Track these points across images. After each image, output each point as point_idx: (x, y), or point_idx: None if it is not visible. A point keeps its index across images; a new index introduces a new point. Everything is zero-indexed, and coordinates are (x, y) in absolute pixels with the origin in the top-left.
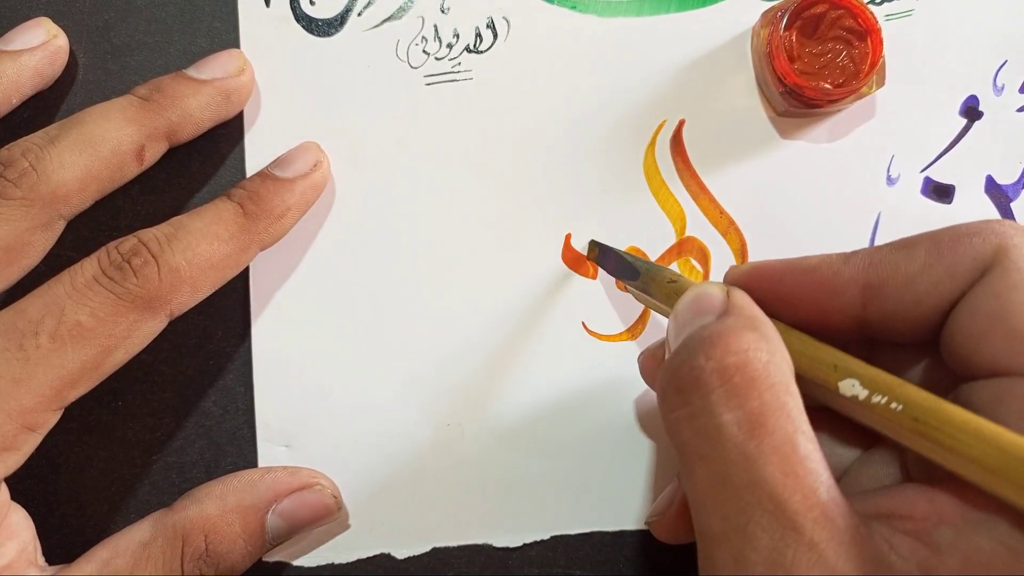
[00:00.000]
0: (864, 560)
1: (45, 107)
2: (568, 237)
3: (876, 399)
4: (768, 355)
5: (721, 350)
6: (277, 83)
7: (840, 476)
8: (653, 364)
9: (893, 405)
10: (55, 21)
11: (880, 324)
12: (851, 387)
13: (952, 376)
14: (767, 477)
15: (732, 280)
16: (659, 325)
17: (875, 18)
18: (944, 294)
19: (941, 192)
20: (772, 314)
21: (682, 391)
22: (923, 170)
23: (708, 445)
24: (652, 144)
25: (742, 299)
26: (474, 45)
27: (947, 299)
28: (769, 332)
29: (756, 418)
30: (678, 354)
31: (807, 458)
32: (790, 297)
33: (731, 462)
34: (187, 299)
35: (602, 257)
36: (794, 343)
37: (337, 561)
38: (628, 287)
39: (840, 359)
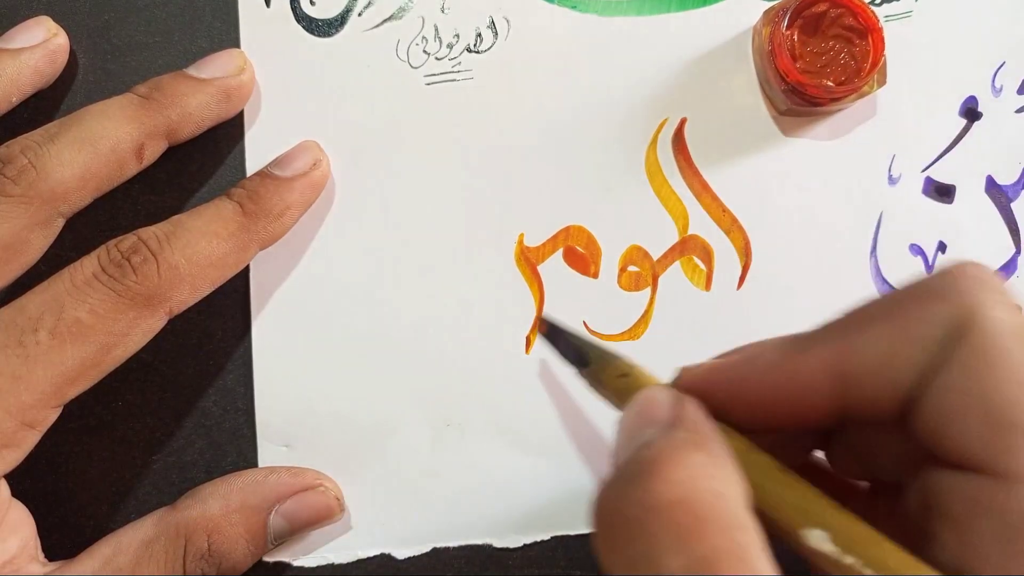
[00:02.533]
0: None
1: (45, 107)
2: (568, 235)
3: (848, 560)
4: (719, 483)
5: (662, 481)
6: (277, 83)
7: None
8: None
9: (868, 571)
10: (55, 21)
11: (860, 411)
12: (820, 540)
13: (919, 456)
14: None
15: (686, 384)
16: (661, 326)
17: (876, 16)
18: (916, 369)
19: (942, 192)
20: (735, 423)
21: (619, 532)
22: (924, 170)
23: None
24: (654, 143)
25: (692, 411)
26: (474, 45)
27: (920, 376)
28: (718, 452)
29: (706, 566)
30: (615, 483)
31: None
32: (755, 401)
33: None
34: (186, 297)
35: (552, 336)
36: (754, 475)
37: (337, 561)
38: (578, 375)
39: (809, 500)
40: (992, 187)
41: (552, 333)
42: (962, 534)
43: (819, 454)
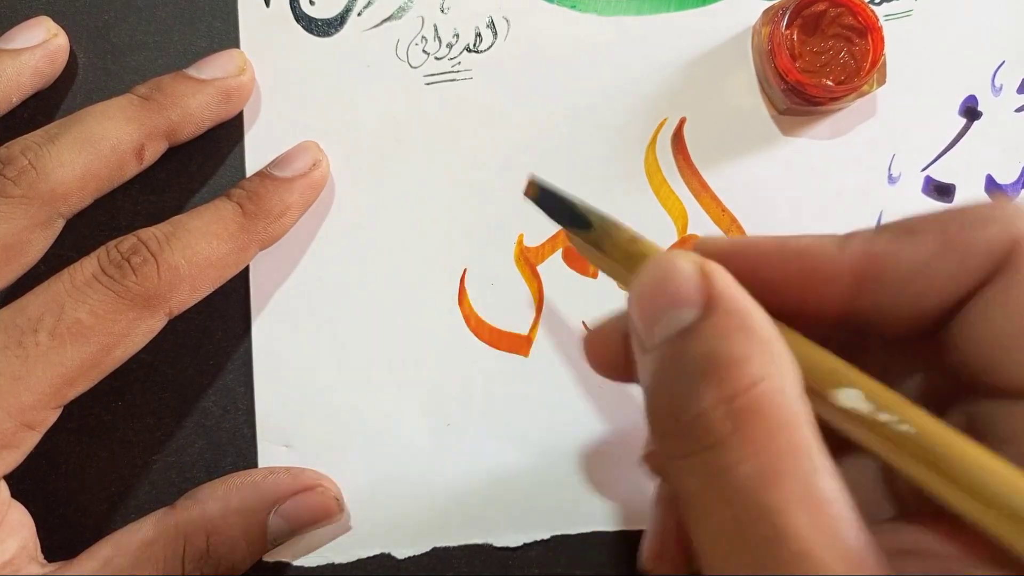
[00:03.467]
0: None
1: (45, 107)
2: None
3: (883, 417)
4: (780, 381)
5: (731, 388)
6: (277, 83)
7: None
8: (603, 349)
9: (904, 427)
10: (55, 21)
11: (873, 318)
12: (851, 399)
13: (953, 385)
14: (792, 531)
15: (707, 255)
16: None
17: (875, 15)
18: (952, 290)
19: (942, 191)
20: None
21: (687, 436)
22: (924, 169)
23: (720, 497)
24: (653, 142)
25: (725, 285)
26: (474, 45)
27: (955, 295)
28: (771, 339)
29: (774, 464)
30: (674, 382)
31: (833, 502)
32: (772, 281)
33: (749, 517)
34: (186, 297)
35: (543, 199)
36: (786, 340)
37: (337, 561)
38: (572, 239)
39: (839, 364)
40: (992, 186)
41: (544, 195)
42: (1020, 459)
43: None
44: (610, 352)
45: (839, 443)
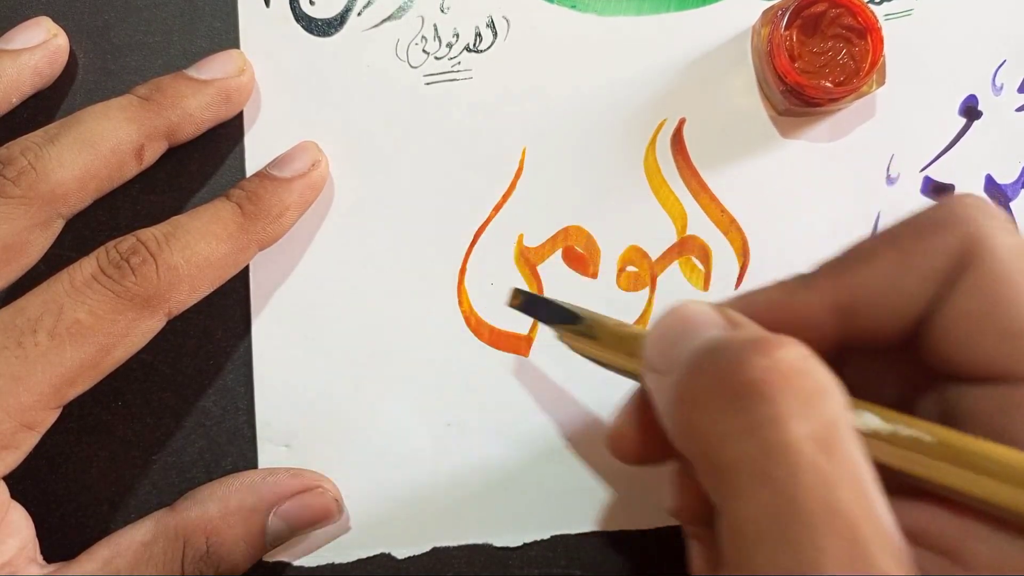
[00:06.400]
0: None
1: (45, 107)
2: (567, 236)
3: (904, 432)
4: (820, 363)
5: (782, 351)
6: (277, 83)
7: None
8: (624, 440)
9: (927, 437)
10: (55, 21)
11: (858, 340)
12: (871, 420)
13: (927, 377)
14: (843, 501)
15: None
16: None
17: (875, 16)
18: (921, 298)
19: (941, 191)
20: None
21: (737, 398)
22: (923, 169)
23: (774, 463)
24: (653, 143)
25: (737, 315)
26: (474, 44)
27: (924, 302)
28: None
29: (831, 431)
30: (716, 358)
31: (873, 481)
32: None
33: (804, 484)
34: (185, 298)
35: (527, 304)
36: None
37: (337, 561)
38: (564, 335)
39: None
40: (991, 186)
41: (528, 301)
42: (995, 436)
43: None
44: (631, 442)
45: None
